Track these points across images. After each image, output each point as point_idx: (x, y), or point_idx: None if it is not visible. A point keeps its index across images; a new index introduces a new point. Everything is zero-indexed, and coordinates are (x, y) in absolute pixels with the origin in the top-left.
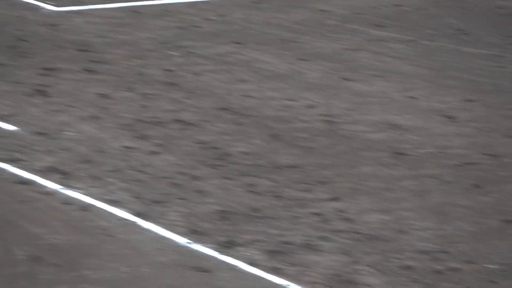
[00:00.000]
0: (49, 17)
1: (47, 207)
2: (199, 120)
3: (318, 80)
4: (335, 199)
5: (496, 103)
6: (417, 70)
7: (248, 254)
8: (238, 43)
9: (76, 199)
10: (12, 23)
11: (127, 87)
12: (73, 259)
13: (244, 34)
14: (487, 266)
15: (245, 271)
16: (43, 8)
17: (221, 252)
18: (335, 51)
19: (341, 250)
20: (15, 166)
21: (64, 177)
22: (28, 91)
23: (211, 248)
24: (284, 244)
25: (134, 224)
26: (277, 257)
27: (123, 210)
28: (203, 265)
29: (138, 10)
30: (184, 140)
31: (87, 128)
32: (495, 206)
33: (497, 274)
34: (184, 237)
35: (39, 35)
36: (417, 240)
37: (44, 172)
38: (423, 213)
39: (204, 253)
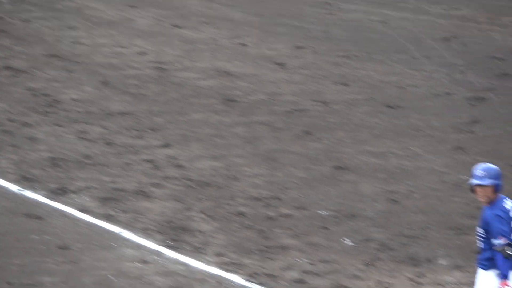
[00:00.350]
0: None
1: None
2: (29, 67)
3: (148, 27)
4: (166, 145)
5: (325, 50)
6: (246, 17)
7: (80, 201)
8: None
9: None
10: None
11: None
12: None
13: None
14: (319, 212)
15: (78, 218)
16: None
17: (53, 199)
18: None
19: (173, 196)
20: None
21: None
22: None
23: (43, 195)
24: (116, 191)
25: None
26: (110, 204)
27: None
28: (35, 212)
29: None
30: (15, 87)
31: None
32: (326, 152)
33: (328, 220)
34: (16, 184)
35: None
36: (249, 187)
37: None
38: (254, 159)
39: (36, 200)
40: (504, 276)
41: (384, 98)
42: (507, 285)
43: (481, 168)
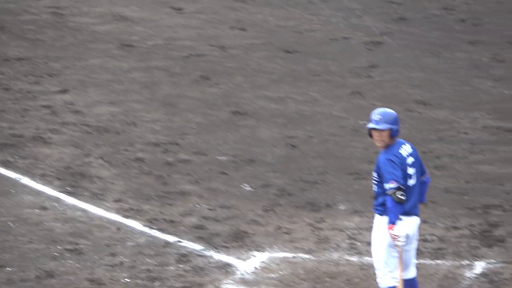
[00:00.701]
0: None
1: None
2: None
3: None
4: (64, 91)
5: None
6: None
7: None
8: None
9: None
10: None
11: None
12: None
13: None
14: (218, 157)
15: None
16: None
17: None
18: None
19: (71, 142)
20: None
21: None
22: None
23: None
24: (14, 137)
25: None
26: (8, 150)
27: None
28: None
29: None
30: None
31: None
32: (223, 98)
33: (227, 166)
34: None
35: None
36: (147, 132)
37: None
38: (152, 105)
39: None
40: (391, 221)
41: (281, 43)
42: (392, 230)
43: (378, 113)
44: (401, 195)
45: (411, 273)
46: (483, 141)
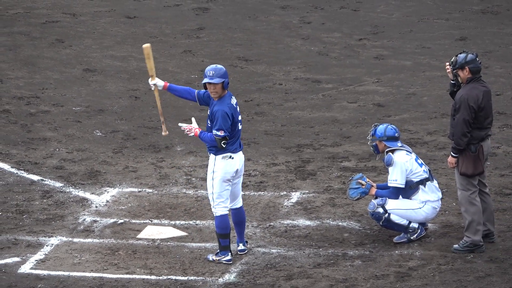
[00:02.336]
0: None
1: None
2: None
3: None
4: None
5: None
6: None
7: None
8: None
9: None
10: None
11: None
12: None
13: None
14: (73, 108)
15: None
16: None
17: None
18: None
19: None
20: None
21: None
22: None
23: None
24: None
25: None
26: None
27: None
28: None
29: None
30: None
31: None
32: (76, 57)
33: (81, 115)
34: None
35: None
36: (12, 88)
37: None
38: (16, 64)
39: None
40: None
41: (123, 10)
42: (196, 135)
43: (211, 69)
44: (223, 143)
45: (239, 203)
46: (295, 91)
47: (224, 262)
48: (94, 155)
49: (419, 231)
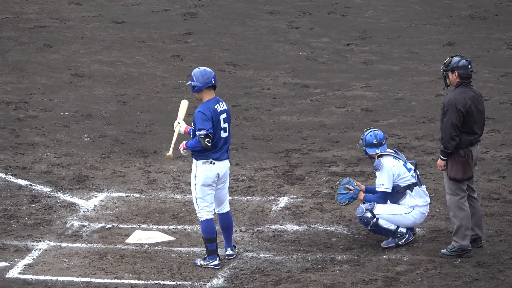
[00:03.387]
0: None
1: None
2: None
3: None
4: None
5: None
6: None
7: None
8: None
9: None
10: None
11: None
12: None
13: None
14: (61, 113)
15: None
16: None
17: None
18: None
19: None
20: None
21: None
22: None
23: None
24: None
25: None
26: None
27: None
28: None
29: None
30: None
31: None
32: (64, 62)
33: (69, 120)
34: None
35: None
36: (0, 93)
37: None
38: (4, 69)
39: None
40: (188, 146)
41: (111, 15)
42: (183, 149)
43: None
44: (207, 141)
45: (226, 208)
46: (283, 96)
47: (212, 267)
48: (82, 160)
49: (407, 236)
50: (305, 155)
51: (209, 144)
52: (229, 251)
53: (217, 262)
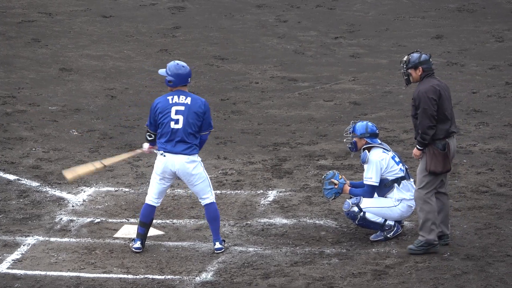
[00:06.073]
0: None
1: None
2: None
3: None
4: None
5: None
6: None
7: None
8: None
9: None
10: None
11: None
12: None
13: None
14: (49, 107)
15: None
16: None
17: None
18: None
19: None
20: None
21: None
22: None
23: None
24: None
25: None
26: None
27: None
28: None
29: None
30: None
31: None
32: (52, 57)
33: (57, 115)
34: None
35: None
36: None
37: None
38: None
39: None
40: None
41: (99, 9)
42: (143, 151)
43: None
44: (148, 135)
45: (207, 199)
46: (272, 89)
47: (133, 249)
48: (70, 154)
49: (395, 229)
50: (294, 149)
51: (148, 138)
52: (217, 245)
53: (137, 245)
